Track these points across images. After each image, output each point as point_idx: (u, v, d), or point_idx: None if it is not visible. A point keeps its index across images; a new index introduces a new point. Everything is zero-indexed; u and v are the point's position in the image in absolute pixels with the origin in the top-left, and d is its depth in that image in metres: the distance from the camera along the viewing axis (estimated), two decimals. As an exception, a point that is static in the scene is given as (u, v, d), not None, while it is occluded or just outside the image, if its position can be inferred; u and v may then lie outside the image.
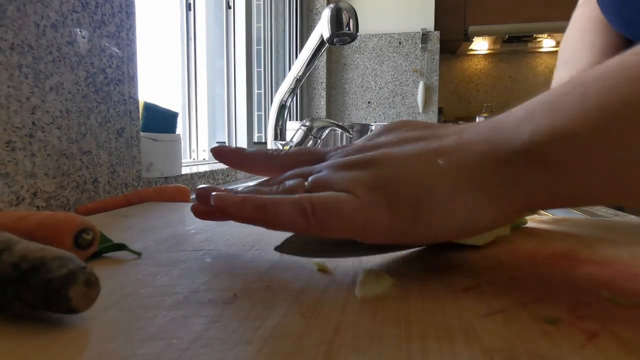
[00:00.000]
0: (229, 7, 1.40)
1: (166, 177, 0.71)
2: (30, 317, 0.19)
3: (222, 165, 1.08)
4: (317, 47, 0.81)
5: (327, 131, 0.91)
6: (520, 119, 0.21)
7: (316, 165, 0.27)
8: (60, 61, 0.47)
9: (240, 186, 0.88)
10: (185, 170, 0.83)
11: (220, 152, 0.32)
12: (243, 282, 0.23)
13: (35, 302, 0.18)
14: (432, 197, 0.22)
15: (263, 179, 0.31)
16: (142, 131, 0.64)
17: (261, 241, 0.32)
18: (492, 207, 0.21)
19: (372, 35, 2.31)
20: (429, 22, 2.32)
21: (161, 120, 0.71)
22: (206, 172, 0.91)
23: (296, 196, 0.23)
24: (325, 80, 2.29)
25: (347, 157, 0.26)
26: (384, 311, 0.19)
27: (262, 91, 1.65)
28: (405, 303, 0.20)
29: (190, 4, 1.23)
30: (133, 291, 0.22)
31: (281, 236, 0.34)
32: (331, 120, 0.90)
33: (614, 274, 0.24)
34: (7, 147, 0.41)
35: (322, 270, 0.26)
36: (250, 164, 0.32)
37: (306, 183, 0.26)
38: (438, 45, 2.31)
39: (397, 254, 0.29)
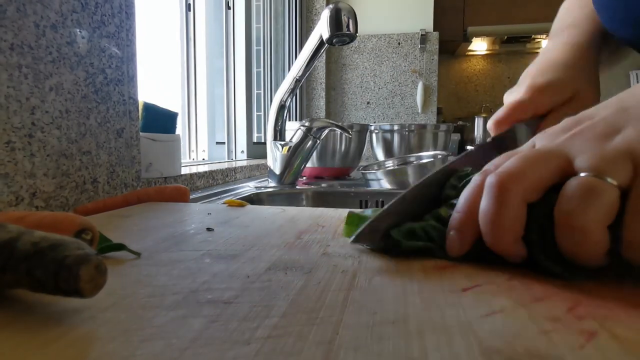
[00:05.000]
0: (228, 7, 1.40)
1: (165, 178, 0.71)
2: (29, 317, 0.19)
3: (221, 166, 1.08)
4: (317, 48, 0.81)
5: (326, 131, 0.91)
6: None
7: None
8: (59, 61, 0.47)
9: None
10: (184, 171, 0.83)
11: None
12: (243, 282, 0.23)
13: (43, 278, 0.18)
14: None
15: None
16: (142, 131, 0.64)
17: (261, 241, 0.32)
18: None
19: (371, 35, 2.31)
20: (428, 23, 2.32)
21: (161, 121, 0.71)
22: (205, 172, 0.91)
23: None
24: (324, 81, 2.29)
25: None
26: (383, 311, 0.19)
27: (262, 91, 1.65)
28: (404, 303, 0.20)
29: (189, 4, 1.23)
30: (132, 291, 0.22)
31: (279, 237, 0.34)
32: (330, 121, 0.90)
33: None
34: (6, 147, 0.41)
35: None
36: None
37: None
38: (437, 46, 2.31)
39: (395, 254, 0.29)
